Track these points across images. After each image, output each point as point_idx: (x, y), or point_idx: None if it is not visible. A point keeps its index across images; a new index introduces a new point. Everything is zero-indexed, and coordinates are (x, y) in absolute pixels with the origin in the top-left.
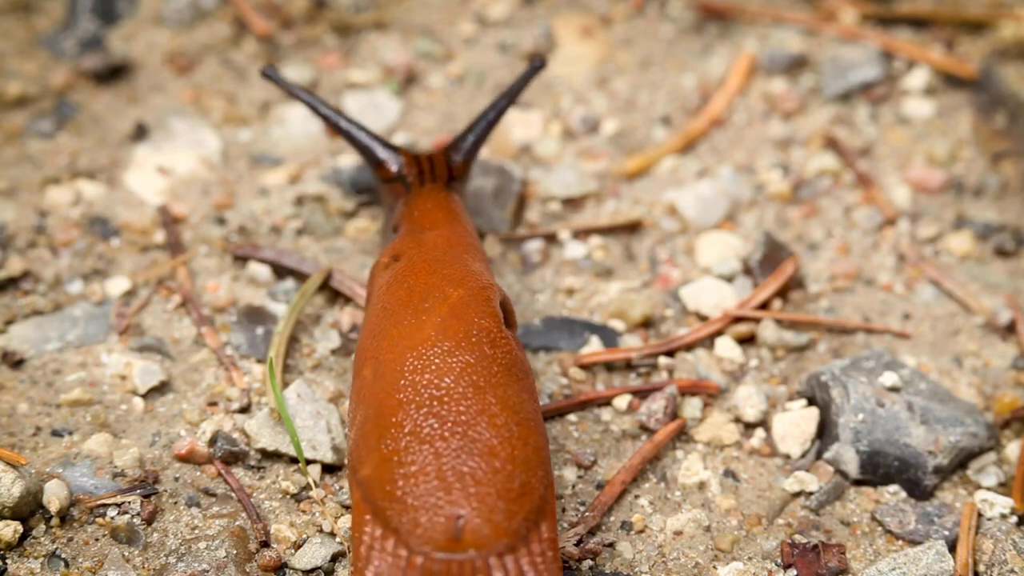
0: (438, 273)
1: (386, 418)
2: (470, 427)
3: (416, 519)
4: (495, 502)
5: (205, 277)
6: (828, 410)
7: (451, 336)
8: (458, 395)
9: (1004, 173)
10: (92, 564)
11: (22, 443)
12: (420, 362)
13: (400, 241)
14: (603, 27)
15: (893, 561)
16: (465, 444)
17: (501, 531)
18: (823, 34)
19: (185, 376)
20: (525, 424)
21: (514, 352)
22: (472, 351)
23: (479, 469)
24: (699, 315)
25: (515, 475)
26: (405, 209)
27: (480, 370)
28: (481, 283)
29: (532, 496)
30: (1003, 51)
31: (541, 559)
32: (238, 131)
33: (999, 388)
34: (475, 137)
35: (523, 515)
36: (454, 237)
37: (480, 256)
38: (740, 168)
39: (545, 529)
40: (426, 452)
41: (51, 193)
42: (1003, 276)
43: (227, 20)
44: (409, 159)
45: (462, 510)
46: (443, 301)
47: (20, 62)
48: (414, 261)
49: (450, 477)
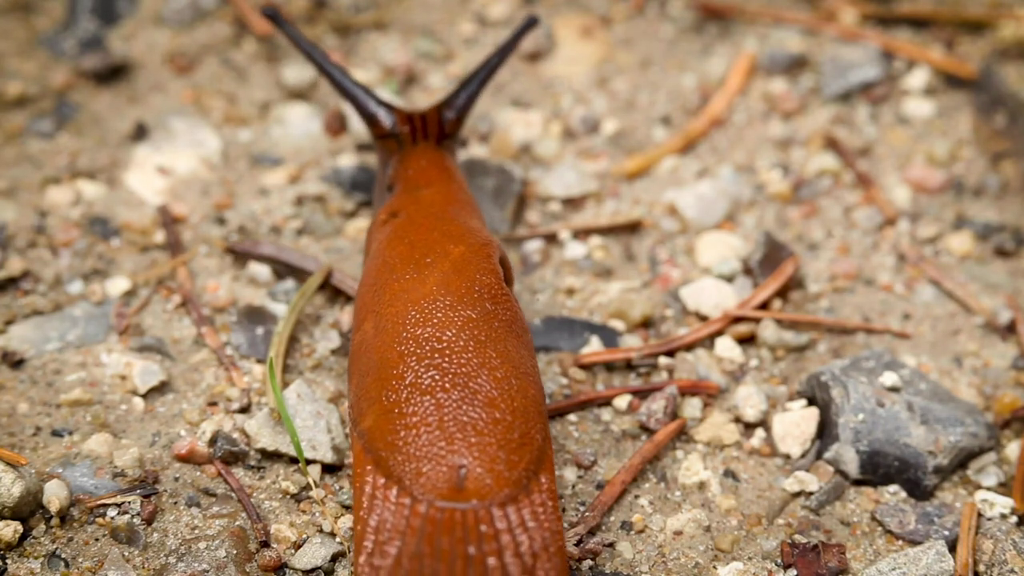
0: (438, 229)
1: (387, 370)
2: (471, 379)
3: (418, 468)
4: (496, 452)
5: (205, 277)
6: (828, 410)
7: (453, 291)
8: (459, 348)
9: (1004, 173)
10: (92, 564)
11: (22, 443)
12: (422, 316)
13: (397, 198)
14: (603, 27)
15: (893, 561)
16: (466, 395)
17: (503, 480)
18: (823, 34)
19: (185, 376)
20: (524, 378)
21: (514, 309)
22: (474, 306)
23: (480, 420)
24: (699, 315)
25: (515, 426)
26: (399, 167)
27: (481, 325)
28: (481, 240)
29: (532, 446)
30: (1003, 51)
31: (542, 508)
32: (238, 131)
33: (999, 388)
34: (468, 95)
35: (524, 465)
36: (450, 194)
37: (477, 213)
38: (740, 168)
39: (545, 479)
40: (427, 403)
41: (51, 193)
42: (1003, 276)
43: (227, 20)
44: (402, 116)
45: (464, 460)
46: (444, 257)
47: (20, 62)
48: (413, 217)
49: (451, 427)
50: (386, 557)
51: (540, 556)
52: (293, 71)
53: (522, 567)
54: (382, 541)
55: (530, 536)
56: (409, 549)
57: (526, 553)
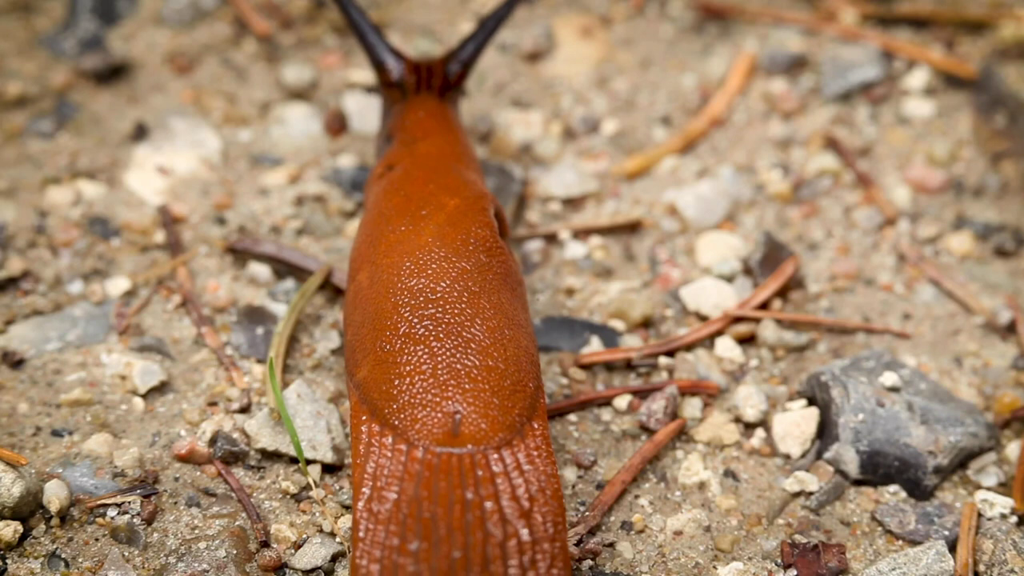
0: (434, 182)
1: (382, 321)
2: (464, 328)
3: (414, 415)
4: (490, 398)
5: (205, 277)
6: (828, 410)
7: (448, 243)
8: (453, 299)
9: (1004, 173)
10: (92, 564)
11: (22, 443)
12: (416, 267)
13: (394, 151)
14: (603, 27)
15: (893, 561)
16: (459, 344)
17: (497, 425)
18: (823, 34)
19: (185, 376)
20: (517, 328)
21: (509, 262)
22: (469, 258)
23: (474, 367)
24: (699, 315)
25: (508, 373)
26: (399, 117)
27: (476, 276)
28: (476, 193)
29: (525, 393)
30: (1003, 51)
31: (536, 452)
32: (238, 131)
33: (999, 388)
34: (474, 46)
35: (517, 410)
36: (447, 146)
37: (474, 165)
38: (740, 168)
39: (538, 425)
40: (421, 352)
41: (51, 193)
42: (1003, 276)
43: (227, 20)
44: (410, 65)
45: (458, 406)
46: (440, 209)
47: (20, 62)
48: (409, 170)
49: (445, 375)
50: (385, 502)
51: (536, 499)
52: (293, 71)
53: (519, 510)
54: (380, 487)
55: (526, 479)
56: (407, 494)
57: (523, 496)
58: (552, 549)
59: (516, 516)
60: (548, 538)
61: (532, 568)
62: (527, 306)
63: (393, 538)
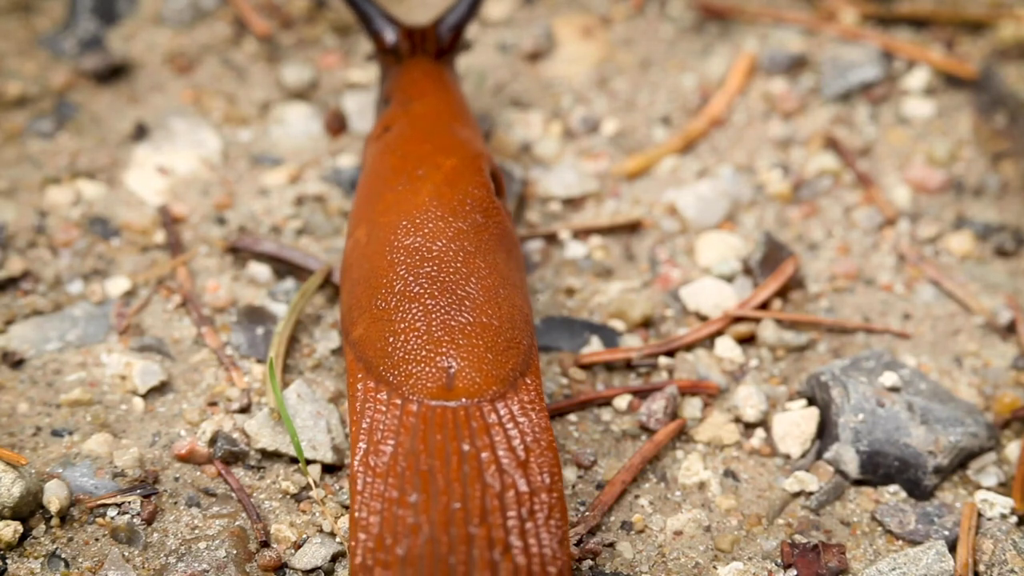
0: (430, 142)
1: (378, 279)
2: (459, 286)
3: (408, 371)
4: (484, 353)
5: (205, 277)
6: (828, 410)
7: (445, 203)
8: (449, 258)
9: (1004, 173)
10: (92, 564)
11: (22, 443)
12: (413, 226)
13: (391, 112)
14: (603, 27)
15: (893, 561)
16: (454, 301)
17: (491, 379)
18: (823, 34)
19: (185, 376)
20: (511, 288)
21: (504, 224)
22: (465, 219)
23: (468, 324)
24: (699, 315)
25: (502, 330)
26: (395, 80)
27: (471, 237)
28: (473, 152)
29: (519, 350)
30: (1003, 51)
31: (531, 405)
32: (238, 131)
33: (999, 388)
34: (467, 5)
35: (511, 365)
36: (442, 106)
37: (470, 124)
38: (740, 168)
39: (531, 380)
40: (416, 310)
41: (51, 193)
42: (1003, 276)
43: (227, 20)
44: (404, 31)
45: (452, 361)
46: (437, 169)
47: (20, 62)
48: (404, 131)
49: (439, 332)
50: (382, 455)
51: (532, 449)
52: (293, 71)
53: (516, 461)
54: (377, 440)
55: (521, 431)
56: (404, 447)
57: (519, 447)
58: (550, 499)
59: (513, 467)
60: (545, 488)
61: (531, 518)
62: (523, 267)
63: (392, 491)
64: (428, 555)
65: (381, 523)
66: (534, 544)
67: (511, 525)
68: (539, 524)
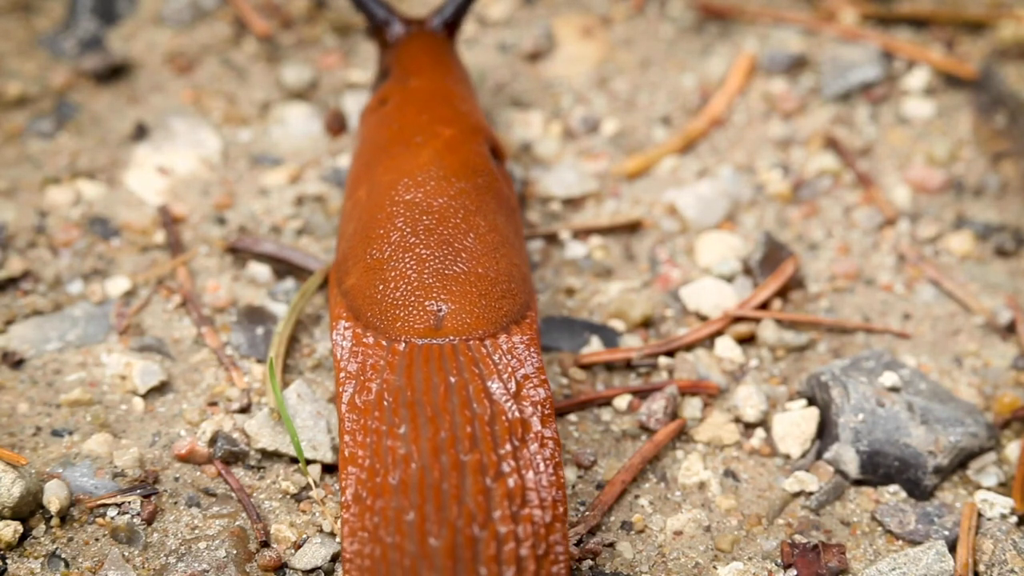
0: (428, 113)
1: (374, 230)
2: (456, 239)
3: (395, 314)
4: (477, 299)
5: (205, 277)
6: (828, 410)
7: (446, 165)
8: (449, 214)
9: (1004, 173)
10: (92, 564)
11: (22, 443)
12: (415, 183)
13: (388, 85)
14: (603, 27)
15: (893, 561)
16: (450, 253)
17: (482, 320)
18: (823, 34)
19: (185, 376)
20: (510, 247)
21: (504, 191)
22: (467, 180)
23: (462, 273)
24: (699, 315)
25: (498, 281)
26: (394, 54)
27: (473, 196)
28: (472, 125)
29: (514, 300)
30: (1003, 51)
31: (523, 346)
32: (238, 131)
33: (999, 388)
34: (455, 5)
35: (504, 311)
36: (441, 81)
37: (468, 96)
38: (740, 168)
39: (526, 327)
40: (409, 259)
41: (51, 193)
42: (1003, 276)
43: (227, 20)
44: (403, 22)
45: (442, 304)
46: (436, 137)
47: (20, 62)
48: (402, 104)
49: (431, 279)
50: (368, 393)
51: (523, 384)
52: (293, 71)
53: (507, 392)
54: (364, 380)
55: (512, 366)
56: (391, 384)
57: (509, 380)
58: (543, 431)
59: (504, 398)
60: (539, 418)
61: (523, 446)
62: (521, 232)
63: (380, 424)
64: (420, 483)
65: (373, 455)
66: (528, 470)
67: (503, 452)
68: (532, 452)
